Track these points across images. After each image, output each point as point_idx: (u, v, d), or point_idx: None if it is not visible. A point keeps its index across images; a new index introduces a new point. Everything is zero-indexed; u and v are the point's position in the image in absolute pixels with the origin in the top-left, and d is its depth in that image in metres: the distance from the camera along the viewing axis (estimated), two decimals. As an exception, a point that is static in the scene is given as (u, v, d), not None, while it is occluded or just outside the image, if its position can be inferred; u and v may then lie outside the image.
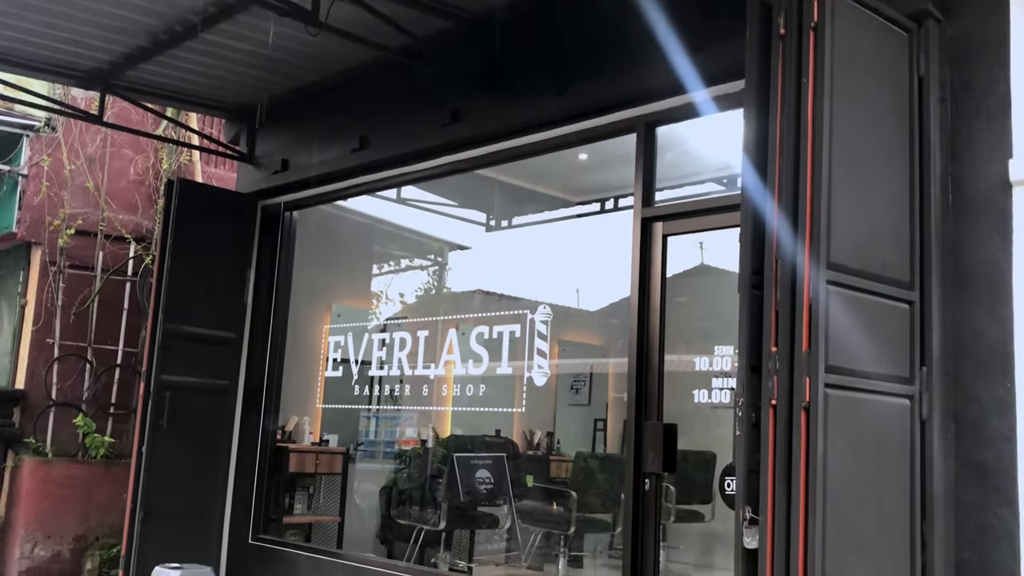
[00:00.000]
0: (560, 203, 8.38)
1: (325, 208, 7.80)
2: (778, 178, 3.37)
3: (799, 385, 3.23)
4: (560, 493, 7.54)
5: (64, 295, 8.26)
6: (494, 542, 7.82)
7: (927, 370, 3.56)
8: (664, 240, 4.91)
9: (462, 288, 9.94)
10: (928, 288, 3.60)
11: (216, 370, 7.10)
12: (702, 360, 5.00)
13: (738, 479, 3.34)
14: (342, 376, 7.37)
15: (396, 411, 8.09)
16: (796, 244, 3.32)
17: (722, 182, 5.80)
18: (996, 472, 3.48)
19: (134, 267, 8.62)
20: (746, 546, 3.28)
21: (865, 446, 3.35)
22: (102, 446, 8.01)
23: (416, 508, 7.58)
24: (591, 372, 9.45)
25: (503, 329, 6.13)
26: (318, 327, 7.79)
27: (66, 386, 8.22)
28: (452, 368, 6.49)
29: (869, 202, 3.52)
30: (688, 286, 6.91)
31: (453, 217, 8.99)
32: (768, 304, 3.36)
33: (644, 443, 4.74)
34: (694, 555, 7.52)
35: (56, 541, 7.79)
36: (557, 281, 8.55)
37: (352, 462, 8.07)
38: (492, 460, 7.40)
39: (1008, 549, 3.42)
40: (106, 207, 8.54)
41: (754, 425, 3.35)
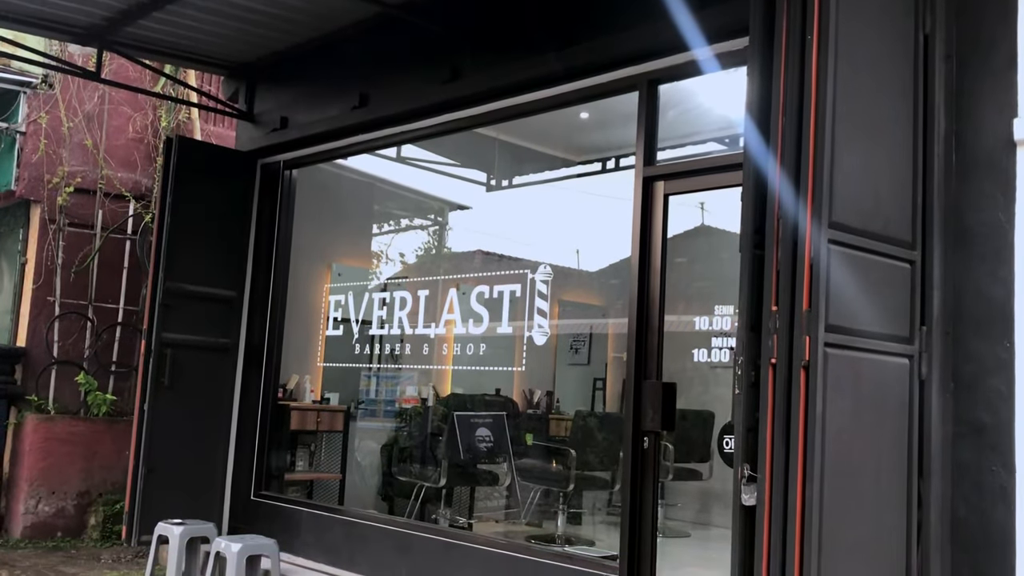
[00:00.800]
0: (561, 163, 8.35)
1: (325, 167, 7.77)
2: (781, 136, 3.35)
3: (799, 344, 3.24)
4: (559, 451, 7.60)
5: (64, 253, 8.25)
6: (494, 499, 7.90)
7: (927, 329, 3.57)
8: (665, 199, 4.89)
9: (462, 248, 9.94)
10: (930, 248, 3.59)
11: (217, 328, 7.12)
12: (702, 320, 5.02)
13: (737, 437, 3.35)
14: (343, 335, 7.39)
15: (397, 370, 8.13)
16: (798, 203, 3.30)
17: (724, 141, 5.77)
18: (993, 431, 3.51)
19: (134, 225, 8.61)
20: (744, 503, 3.31)
21: (864, 405, 3.36)
22: (104, 404, 8.06)
23: (417, 465, 7.65)
24: (591, 332, 9.49)
25: (503, 288, 6.13)
26: (318, 286, 7.80)
27: (67, 344, 8.24)
28: (453, 327, 6.51)
29: (872, 161, 3.50)
30: (688, 247, 6.92)
31: (453, 176, 8.96)
32: (769, 263, 3.35)
33: (643, 401, 4.77)
34: (692, 512, 7.61)
35: (60, 497, 7.86)
36: (557, 241, 8.55)
37: (353, 420, 8.13)
38: (492, 419, 7.45)
39: (1004, 506, 3.45)
40: (105, 165, 8.50)
41: (753, 384, 3.35)
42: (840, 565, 3.19)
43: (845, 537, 3.22)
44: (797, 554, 3.11)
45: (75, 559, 7.16)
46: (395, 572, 5.83)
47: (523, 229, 8.67)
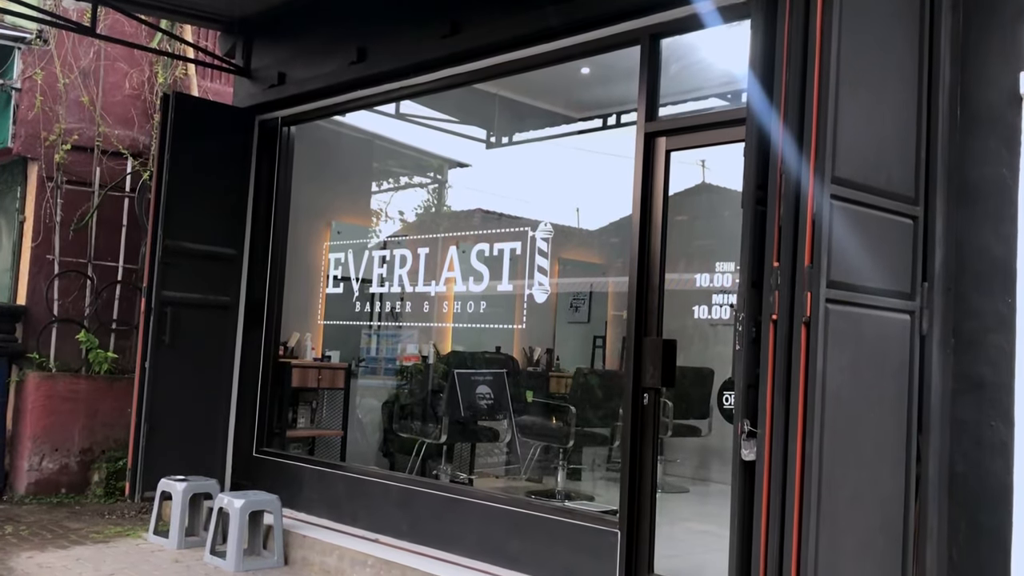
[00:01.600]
0: (562, 119, 8.28)
1: (323, 123, 7.71)
2: (784, 90, 3.32)
3: (800, 300, 3.24)
4: (559, 408, 7.64)
5: (63, 211, 8.22)
6: (494, 455, 7.96)
7: (928, 286, 3.57)
8: (667, 155, 4.86)
9: (462, 207, 9.91)
10: (932, 203, 3.58)
11: (217, 286, 7.11)
12: (703, 277, 5.00)
13: (737, 393, 3.37)
14: (343, 293, 7.39)
15: (397, 328, 8.14)
16: (800, 158, 3.28)
17: (726, 97, 5.72)
18: (993, 386, 3.52)
19: (132, 183, 8.56)
20: (744, 458, 3.33)
21: (864, 361, 3.37)
22: (105, 361, 8.08)
23: (418, 422, 7.69)
24: (591, 290, 9.50)
25: (504, 246, 6.12)
26: (318, 244, 7.79)
27: (67, 302, 8.24)
28: (453, 285, 6.50)
29: (876, 115, 3.47)
30: (689, 205, 6.89)
31: (453, 133, 8.89)
32: (771, 219, 3.34)
33: (644, 358, 4.78)
34: (691, 468, 7.67)
35: (63, 454, 7.92)
36: (557, 199, 8.52)
37: (354, 377, 8.16)
38: (492, 376, 7.48)
39: (1002, 461, 3.48)
40: (102, 122, 8.43)
41: (754, 340, 3.36)
42: (839, 519, 3.22)
43: (844, 491, 3.25)
44: (796, 508, 3.14)
45: (79, 515, 7.23)
46: (397, 527, 5.89)
47: (523, 187, 8.63)
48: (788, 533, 3.15)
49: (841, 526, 3.23)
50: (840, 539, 3.23)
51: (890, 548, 3.43)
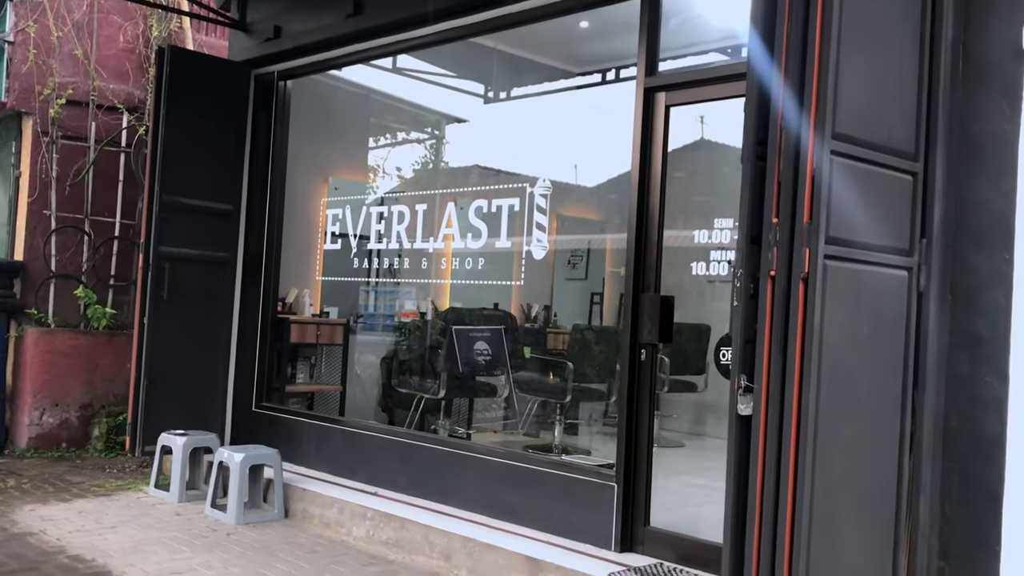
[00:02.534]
0: (560, 74, 8.21)
1: (320, 78, 7.64)
2: (785, 44, 3.28)
3: (799, 256, 3.24)
4: (557, 364, 7.68)
5: (58, 166, 8.18)
6: (492, 410, 8.02)
7: (927, 242, 3.57)
8: (667, 111, 4.83)
9: (459, 163, 9.86)
10: (932, 159, 3.57)
11: (215, 242, 7.11)
12: (701, 233, 5.00)
13: (735, 348, 3.38)
14: (341, 249, 7.39)
15: (395, 284, 8.15)
16: (801, 113, 3.26)
17: (726, 52, 5.66)
18: (990, 342, 3.54)
19: (128, 138, 8.51)
20: (740, 413, 3.35)
21: (861, 317, 3.38)
22: (104, 317, 8.09)
23: (416, 378, 7.73)
24: (588, 247, 9.49)
25: (502, 202, 6.11)
26: (315, 200, 7.76)
27: (65, 258, 8.23)
28: (451, 242, 6.50)
29: (877, 70, 3.45)
30: (688, 161, 6.86)
31: (450, 88, 8.82)
32: (771, 175, 3.33)
33: (641, 314, 4.80)
34: (686, 423, 7.74)
35: (63, 409, 7.96)
36: (555, 156, 8.47)
37: (352, 334, 8.18)
38: (490, 332, 7.51)
39: (996, 416, 3.51)
40: (96, 76, 8.36)
41: (752, 296, 3.36)
42: (834, 472, 3.25)
43: (839, 445, 3.28)
44: (792, 462, 3.17)
45: (80, 469, 7.29)
46: (396, 480, 5.95)
47: (521, 143, 8.58)
48: (783, 486, 3.18)
49: (836, 480, 3.27)
50: (835, 492, 3.26)
51: (884, 501, 3.47)
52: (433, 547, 5.12)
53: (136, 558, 5.00)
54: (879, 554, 3.46)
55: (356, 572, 4.97)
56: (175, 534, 5.53)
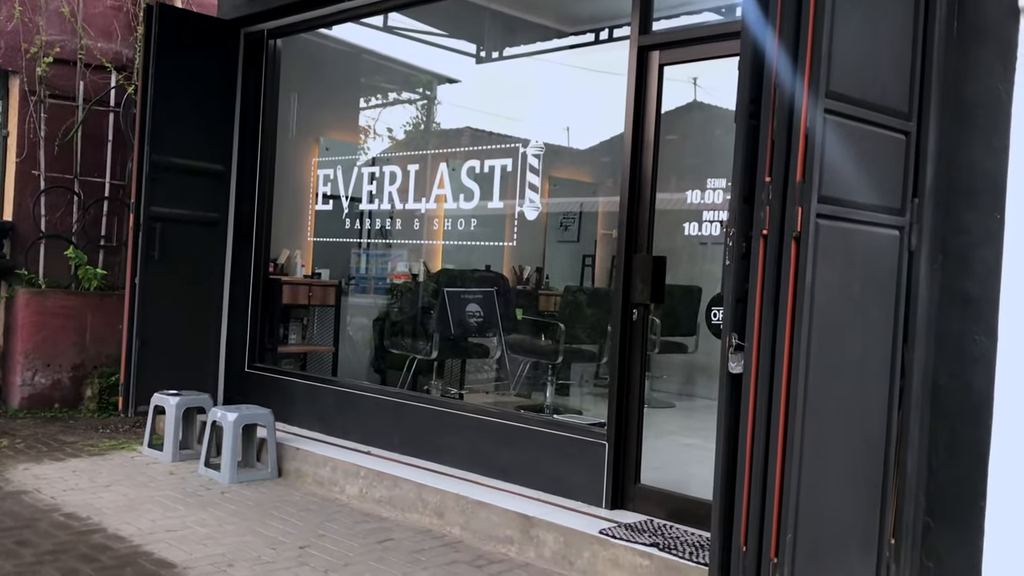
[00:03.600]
0: (554, 33, 8.14)
1: (310, 37, 7.57)
2: (781, 2, 3.26)
3: (791, 215, 3.24)
4: (548, 325, 7.71)
5: (47, 126, 8.10)
6: (484, 372, 8.05)
7: (919, 201, 3.58)
8: (661, 70, 4.81)
9: (451, 124, 9.80)
10: (926, 118, 3.56)
11: (206, 202, 7.08)
12: (693, 194, 4.99)
13: (726, 307, 3.40)
14: (332, 210, 7.36)
15: (387, 245, 8.14)
16: (795, 72, 3.25)
17: (720, 11, 5.63)
18: (979, 300, 3.56)
19: (117, 97, 8.43)
20: (731, 371, 3.38)
21: (853, 276, 3.40)
22: (95, 278, 8.07)
23: (408, 339, 7.75)
24: (580, 210, 9.48)
25: (495, 163, 6.08)
26: (306, 160, 7.72)
27: (55, 218, 8.19)
28: (443, 203, 6.48)
29: (872, 29, 3.43)
30: (681, 123, 6.83)
31: (442, 47, 8.74)
32: (764, 134, 3.32)
33: (633, 275, 4.81)
34: (677, 384, 7.79)
35: (55, 369, 7.96)
36: (548, 118, 8.43)
37: (345, 295, 8.18)
38: (482, 294, 7.51)
39: (984, 374, 3.54)
40: (84, 34, 8.26)
41: (744, 255, 3.37)
42: (823, 429, 3.29)
43: (829, 403, 3.31)
44: (782, 418, 3.20)
45: (73, 429, 7.32)
46: (388, 439, 5.99)
47: (513, 104, 8.53)
48: (773, 444, 3.22)
49: (825, 436, 3.30)
50: (824, 449, 3.30)
51: (872, 458, 3.52)
52: (426, 505, 5.16)
53: (130, 516, 5.03)
54: (867, 509, 3.51)
55: (349, 530, 5.02)
56: (169, 492, 5.56)
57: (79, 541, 4.57)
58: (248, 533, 4.85)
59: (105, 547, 4.50)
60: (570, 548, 4.45)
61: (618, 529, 4.43)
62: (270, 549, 4.60)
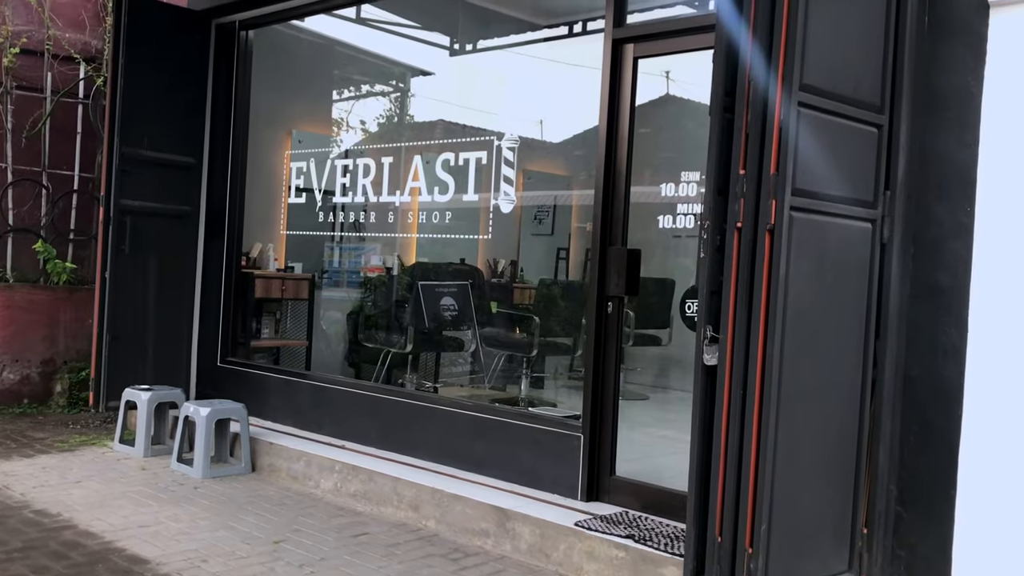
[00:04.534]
0: (527, 26, 8.13)
1: (282, 28, 7.50)
2: (755, -5, 3.28)
3: (765, 208, 3.26)
4: (523, 318, 7.71)
5: (14, 118, 7.97)
6: (459, 365, 8.04)
7: (891, 194, 3.61)
8: (635, 63, 4.81)
9: (425, 117, 9.77)
10: (897, 111, 3.60)
11: (177, 195, 7.01)
12: (667, 187, 5.01)
13: (701, 299, 3.42)
14: (305, 203, 7.31)
15: (361, 239, 8.10)
16: (769, 65, 3.27)
17: (693, 4, 5.64)
18: (950, 292, 3.60)
19: (85, 89, 8.31)
20: (705, 363, 3.40)
21: (826, 268, 3.43)
22: (64, 272, 7.96)
23: (383, 333, 7.73)
24: (554, 203, 9.49)
25: (469, 156, 6.07)
26: (279, 153, 7.66)
27: (22, 212, 8.06)
28: (417, 196, 6.46)
29: (845, 23, 3.46)
30: (654, 116, 6.85)
31: (415, 40, 8.71)
32: (738, 127, 3.34)
33: (608, 267, 4.82)
34: (650, 377, 7.83)
35: (24, 365, 7.85)
36: (521, 111, 8.43)
37: (318, 289, 8.14)
38: (457, 288, 7.50)
39: (955, 365, 3.59)
40: (52, 24, 8.13)
41: (718, 247, 3.40)
42: (797, 420, 3.31)
43: (802, 394, 3.34)
44: (756, 410, 3.22)
45: (43, 424, 7.22)
46: (363, 433, 5.97)
47: (487, 97, 8.51)
48: (748, 435, 3.24)
49: (799, 428, 3.33)
50: (797, 440, 3.33)
51: (845, 449, 3.55)
52: (401, 498, 5.15)
53: (102, 512, 4.98)
54: (840, 500, 3.55)
55: (324, 524, 4.99)
56: (141, 488, 5.51)
57: (49, 538, 4.52)
58: (222, 528, 4.81)
59: (76, 544, 4.45)
60: (546, 540, 4.46)
61: (594, 521, 4.44)
62: (244, 544, 4.57)
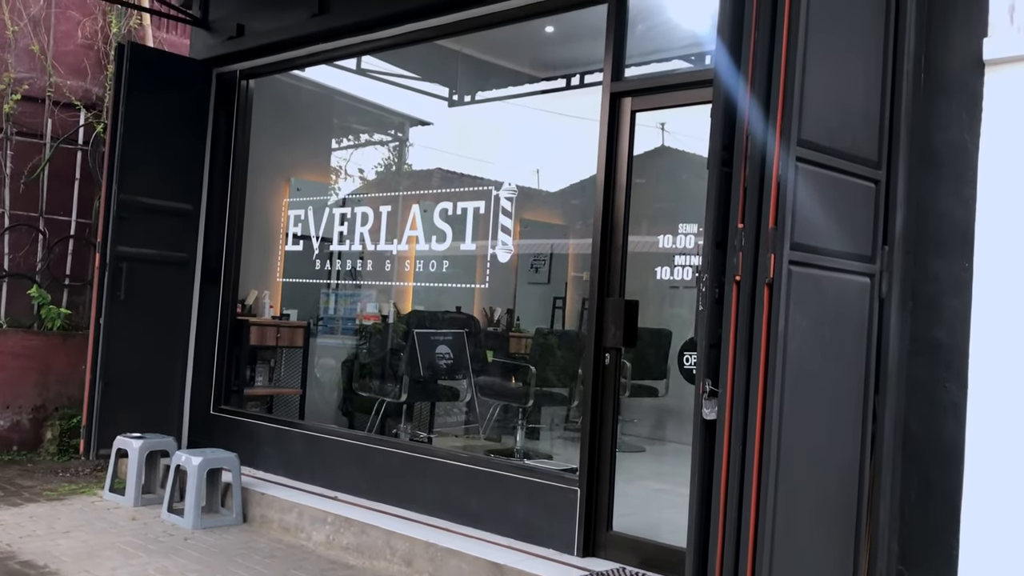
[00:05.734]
0: (525, 78, 8.21)
1: (283, 78, 7.57)
2: (752, 50, 3.31)
3: (763, 261, 3.26)
4: (519, 368, 7.67)
5: (12, 163, 8.00)
6: (454, 415, 7.98)
7: (889, 249, 3.61)
8: (633, 116, 4.85)
9: (423, 166, 9.82)
10: (895, 167, 3.61)
11: (174, 242, 7.01)
12: (666, 238, 5.02)
13: (700, 353, 3.40)
14: (302, 251, 7.31)
15: (357, 286, 8.09)
16: (767, 121, 3.28)
17: (690, 59, 5.70)
18: (949, 348, 3.59)
19: (85, 135, 8.36)
20: (705, 417, 3.37)
21: (824, 322, 3.41)
22: (58, 318, 7.93)
23: (377, 381, 7.68)
24: (551, 252, 9.50)
25: (467, 205, 6.09)
26: (277, 201, 7.68)
27: (18, 257, 8.06)
28: (415, 244, 6.46)
29: (842, 79, 3.49)
30: (649, 167, 6.89)
31: (415, 90, 8.79)
32: (736, 181, 3.35)
33: (606, 318, 4.80)
34: (647, 428, 7.76)
35: (15, 411, 7.78)
36: (519, 160, 8.48)
37: (313, 336, 8.10)
38: (452, 336, 7.47)
39: (954, 421, 3.56)
40: (53, 72, 8.20)
41: (717, 300, 3.38)
42: (797, 476, 3.27)
43: (802, 449, 3.30)
44: (756, 465, 3.18)
45: (32, 472, 7.13)
46: (356, 485, 5.89)
47: (484, 147, 8.57)
48: (747, 489, 3.20)
49: (799, 483, 3.29)
50: (798, 496, 3.29)
51: (845, 505, 3.51)
52: (395, 552, 5.07)
53: (90, 564, 4.89)
54: (840, 557, 3.50)
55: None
56: (130, 539, 5.42)
57: (35, 590, 4.44)
58: (211, 581, 4.73)
59: (62, 597, 4.37)
60: (541, 596, 4.38)
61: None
62: (234, 598, 4.49)
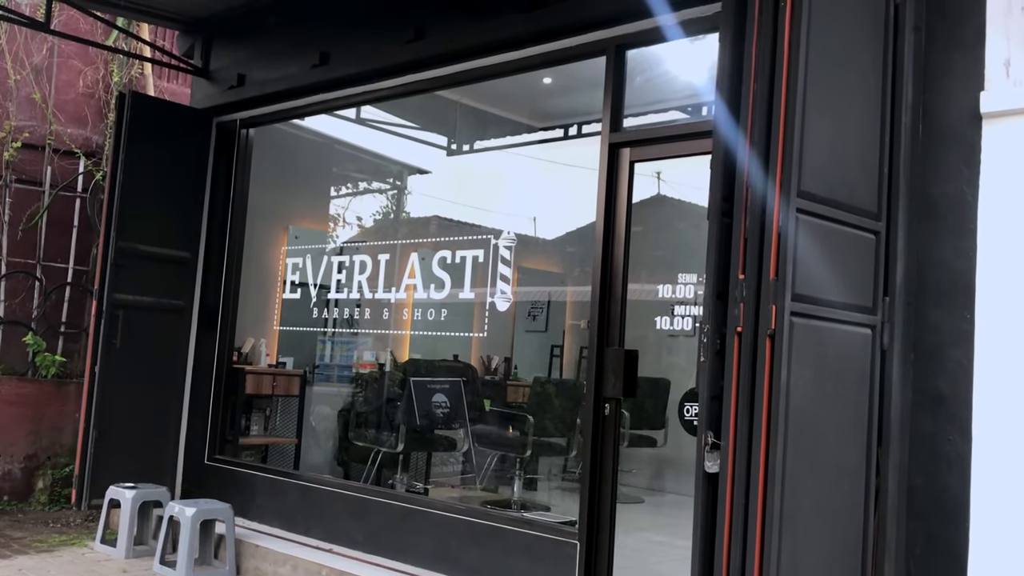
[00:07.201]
0: (524, 128, 8.28)
1: (282, 127, 7.62)
2: (752, 102, 3.33)
3: (765, 313, 3.24)
4: (516, 417, 7.61)
5: (11, 211, 8.01)
6: (450, 464, 7.90)
7: (890, 300, 3.60)
8: (631, 166, 4.87)
9: (421, 214, 9.86)
10: (894, 218, 3.62)
11: (171, 290, 6.99)
12: (665, 288, 5.01)
13: (701, 405, 3.37)
14: (300, 298, 7.30)
15: (354, 334, 8.06)
16: (767, 172, 3.29)
17: (687, 110, 5.75)
18: (952, 400, 3.56)
19: (84, 183, 8.38)
20: (707, 470, 3.33)
21: (826, 374, 3.39)
22: (53, 365, 7.88)
23: (373, 431, 7.61)
24: (549, 300, 9.50)
25: (466, 254, 6.09)
26: (275, 248, 7.68)
27: (14, 304, 8.03)
28: (413, 292, 6.45)
29: (841, 132, 3.51)
30: (645, 216, 6.91)
31: (414, 140, 8.85)
32: (737, 232, 3.35)
33: (605, 368, 4.77)
34: (645, 479, 7.69)
35: (7, 460, 7.68)
36: (517, 208, 8.51)
37: (309, 385, 8.05)
38: (449, 385, 7.43)
39: (959, 474, 3.52)
40: (54, 120, 8.25)
41: (719, 352, 3.36)
42: (800, 531, 3.23)
43: (806, 503, 3.26)
44: (759, 519, 3.14)
45: (22, 523, 7.03)
46: (351, 536, 5.81)
47: (483, 195, 8.60)
48: (751, 544, 3.15)
49: (803, 538, 3.24)
50: (801, 551, 3.24)
51: (850, 560, 3.45)
52: (390, 606, 4.98)
53: (79, 618, 4.80)
54: (845, 615, 3.43)
55: (310, 632, 4.81)
56: (121, 592, 5.33)
57: (23, 646, 4.34)
58: (203, 637, 4.63)
59: (50, 653, 4.27)
60: (540, 653, 4.29)
61: (590, 633, 4.29)
62: (226, 654, 4.39)
